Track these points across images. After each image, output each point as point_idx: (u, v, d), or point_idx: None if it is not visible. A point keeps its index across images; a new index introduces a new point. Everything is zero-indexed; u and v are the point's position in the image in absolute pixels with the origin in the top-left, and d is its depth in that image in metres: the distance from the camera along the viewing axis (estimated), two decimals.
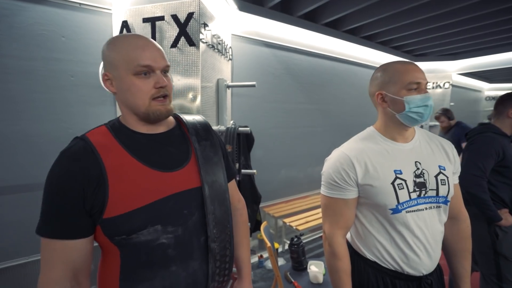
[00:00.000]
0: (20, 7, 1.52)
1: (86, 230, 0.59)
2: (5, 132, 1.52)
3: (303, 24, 2.72)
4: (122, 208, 0.58)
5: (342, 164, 0.88)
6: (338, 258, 0.89)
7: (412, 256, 0.84)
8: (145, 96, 0.63)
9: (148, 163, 0.63)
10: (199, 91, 1.68)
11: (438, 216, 0.87)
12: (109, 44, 0.66)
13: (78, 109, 1.72)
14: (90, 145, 0.60)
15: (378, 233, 0.88)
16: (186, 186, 0.66)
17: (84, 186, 0.57)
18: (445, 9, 2.52)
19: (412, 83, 0.83)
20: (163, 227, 0.61)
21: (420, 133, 0.95)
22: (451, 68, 4.43)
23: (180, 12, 1.64)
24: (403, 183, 0.84)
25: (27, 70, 1.56)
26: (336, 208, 0.90)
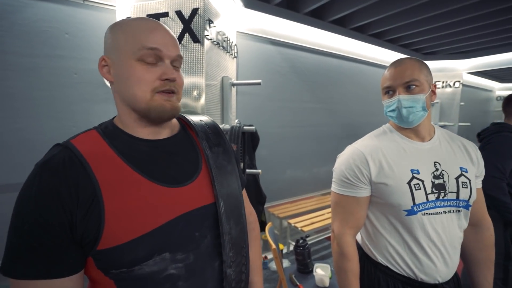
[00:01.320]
0: (24, 4, 1.50)
1: (75, 265, 0.47)
2: (6, 130, 1.51)
3: (309, 21, 2.67)
4: (122, 236, 0.46)
5: (355, 161, 0.84)
6: (347, 259, 0.85)
7: (427, 262, 0.79)
8: (147, 87, 0.52)
9: (152, 177, 0.51)
10: (203, 89, 1.65)
11: (458, 221, 0.82)
12: (114, 25, 0.55)
13: (81, 107, 1.71)
14: (77, 156, 0.48)
15: (391, 236, 0.83)
16: (197, 204, 0.56)
17: (72, 211, 0.45)
18: (455, 6, 2.45)
19: (384, 88, 0.86)
20: (172, 255, 0.50)
21: (441, 133, 0.91)
22: (462, 67, 4.33)
23: (185, 8, 1.61)
24: (420, 184, 0.79)
25: (30, 67, 1.55)
26: (347, 206, 0.87)
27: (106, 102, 1.77)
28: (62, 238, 0.44)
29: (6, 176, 1.52)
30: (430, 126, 0.89)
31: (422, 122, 0.84)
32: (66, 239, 0.45)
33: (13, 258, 0.44)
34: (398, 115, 0.84)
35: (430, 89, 0.83)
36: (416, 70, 0.81)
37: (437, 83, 4.38)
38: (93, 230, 0.45)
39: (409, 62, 0.82)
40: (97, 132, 0.54)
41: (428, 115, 0.85)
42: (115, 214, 0.46)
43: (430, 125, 0.89)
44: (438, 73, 4.37)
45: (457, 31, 3.15)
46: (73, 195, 0.45)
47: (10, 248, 0.44)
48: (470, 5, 2.49)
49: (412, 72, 0.81)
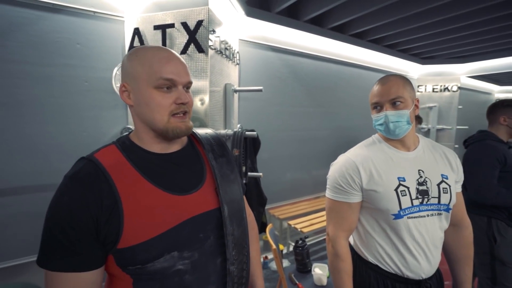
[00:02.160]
0: (38, 16, 1.59)
1: (99, 260, 0.55)
2: (19, 135, 1.59)
3: (309, 28, 2.75)
4: (138, 237, 0.54)
5: (347, 169, 0.92)
6: (341, 259, 0.93)
7: (411, 260, 0.87)
8: (164, 112, 0.59)
9: (163, 187, 0.59)
10: (207, 96, 1.73)
11: (439, 222, 0.91)
12: (130, 54, 0.62)
13: (91, 113, 1.79)
14: (101, 169, 0.56)
15: (380, 237, 0.91)
16: (201, 209, 0.63)
17: (98, 216, 0.53)
18: (453, 14, 2.51)
19: (372, 104, 0.96)
20: (180, 253, 0.59)
21: (425, 142, 0.99)
22: (460, 71, 4.39)
23: (190, 19, 1.69)
24: (406, 190, 0.88)
25: (43, 76, 1.63)
26: (340, 211, 0.95)
27: (114, 108, 1.85)
28: (88, 239, 0.53)
29: (19, 179, 1.61)
30: (415, 136, 0.98)
31: (407, 133, 0.93)
32: (92, 240, 0.53)
33: (48, 254, 0.52)
34: (385, 129, 0.92)
35: (414, 104, 0.93)
36: (400, 88, 0.89)
37: (435, 87, 4.45)
38: (114, 232, 0.53)
39: (394, 80, 0.91)
40: (116, 147, 0.62)
41: (412, 127, 0.94)
42: (132, 219, 0.54)
43: (414, 136, 0.98)
44: (436, 77, 4.44)
45: (455, 37, 3.22)
46: (98, 203, 0.53)
47: (46, 245, 0.53)
48: (467, 13, 2.56)
49: (397, 89, 0.89)
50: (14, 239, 1.58)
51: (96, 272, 0.55)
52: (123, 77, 0.62)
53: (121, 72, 0.63)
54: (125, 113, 1.89)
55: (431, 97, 4.48)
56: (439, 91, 4.43)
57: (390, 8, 2.53)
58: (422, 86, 4.49)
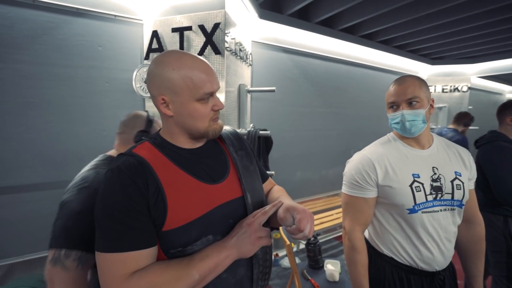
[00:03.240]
0: (64, 20, 1.67)
1: (154, 239, 0.59)
2: (45, 134, 1.68)
3: (320, 30, 2.79)
4: (180, 220, 0.59)
5: (364, 166, 0.97)
6: (358, 252, 0.97)
7: (426, 253, 0.91)
8: (206, 119, 0.66)
9: (197, 176, 0.65)
10: (223, 96, 1.79)
11: (452, 217, 0.95)
12: (165, 65, 0.63)
13: (111, 113, 1.87)
14: (143, 160, 0.61)
15: (395, 231, 0.95)
16: (230, 197, 0.69)
17: (148, 198, 0.58)
18: (463, 15, 2.52)
19: (389, 103, 0.98)
20: (214, 237, 0.64)
21: (439, 141, 1.03)
22: (470, 71, 4.36)
23: (207, 22, 1.75)
24: (420, 186, 0.92)
25: (68, 77, 1.72)
26: (357, 206, 0.99)
27: (133, 107, 1.93)
28: (144, 217, 0.57)
29: (45, 175, 1.69)
30: (429, 135, 1.01)
31: (422, 132, 0.96)
32: (146, 219, 0.57)
33: (108, 238, 0.55)
34: (402, 127, 0.96)
35: (429, 104, 0.96)
36: (417, 88, 0.93)
37: (445, 87, 4.43)
38: (161, 215, 0.58)
39: (410, 80, 0.94)
40: (150, 143, 0.67)
41: (427, 126, 0.97)
42: (174, 204, 0.59)
43: (429, 134, 1.01)
44: (446, 77, 4.42)
45: (465, 37, 3.21)
46: (146, 187, 0.58)
47: (105, 231, 0.56)
48: (477, 14, 2.56)
49: (414, 89, 0.93)
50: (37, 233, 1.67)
51: (153, 249, 0.59)
52: (159, 90, 0.63)
53: (153, 83, 0.64)
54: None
55: (440, 97, 4.45)
56: (449, 92, 4.41)
57: (400, 9, 2.55)
58: (431, 86, 4.47)
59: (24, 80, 1.59)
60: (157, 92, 0.64)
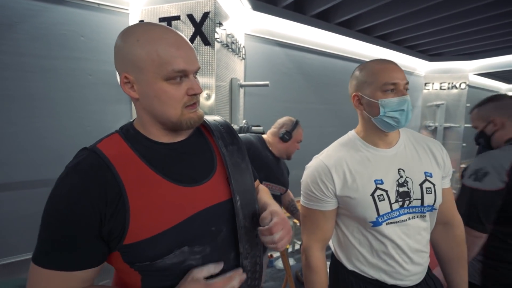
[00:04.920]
0: (43, 8, 1.57)
1: (99, 259, 0.51)
2: (26, 129, 1.57)
3: (316, 23, 2.71)
4: (146, 232, 0.50)
5: (320, 175, 0.84)
6: (314, 272, 0.85)
7: (397, 268, 0.80)
8: (178, 105, 0.54)
9: (171, 178, 0.55)
10: (213, 90, 1.70)
11: (424, 223, 0.83)
12: (129, 37, 0.53)
13: (96, 107, 1.77)
14: (104, 159, 0.51)
15: (360, 244, 0.84)
16: (213, 201, 0.59)
17: (101, 209, 0.48)
18: (461, 8, 2.46)
19: (387, 84, 0.77)
20: (190, 248, 0.54)
21: (406, 136, 0.88)
22: (468, 68, 4.32)
23: (196, 11, 1.66)
24: (383, 194, 0.79)
25: (48, 69, 1.61)
26: (314, 220, 0.87)
27: (119, 102, 1.83)
28: (89, 235, 0.48)
29: (25, 173, 1.59)
30: (397, 131, 0.88)
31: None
32: (93, 235, 0.49)
33: (43, 250, 0.48)
34: (401, 117, 0.79)
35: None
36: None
37: (443, 84, 4.38)
38: (120, 227, 0.49)
39: (394, 63, 0.81)
40: (120, 136, 0.57)
41: None
42: (138, 212, 0.50)
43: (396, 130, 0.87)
44: (443, 74, 4.37)
45: (463, 33, 3.16)
46: (102, 195, 0.49)
47: (42, 240, 0.49)
48: (476, 8, 2.50)
49: (403, 73, 0.80)
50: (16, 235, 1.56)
51: (93, 270, 0.51)
52: (122, 66, 0.54)
53: (118, 58, 0.55)
54: (129, 107, 1.87)
55: (438, 94, 4.40)
56: (447, 89, 4.36)
57: (397, 2, 2.48)
58: (429, 83, 4.42)
59: None
60: (120, 69, 0.55)
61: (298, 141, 1.59)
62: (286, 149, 1.56)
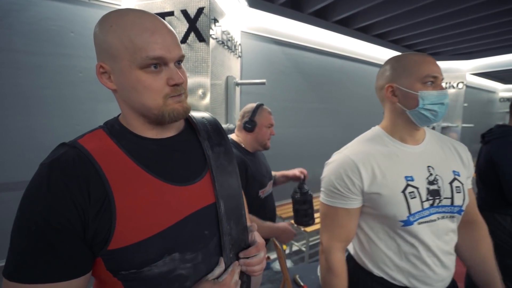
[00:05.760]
0: (30, 2, 1.51)
1: (84, 266, 0.46)
2: (13, 127, 1.51)
3: (313, 21, 2.67)
4: (134, 236, 0.45)
5: (346, 170, 0.79)
6: (335, 275, 0.80)
7: (426, 271, 0.76)
8: (157, 95, 0.49)
9: (161, 176, 0.51)
10: (208, 88, 1.65)
11: (452, 225, 0.80)
12: (102, 24, 0.48)
13: (87, 106, 1.71)
14: (86, 154, 0.46)
15: (387, 246, 0.79)
16: (206, 201, 0.55)
17: (84, 210, 0.43)
18: (459, 7, 2.45)
19: (428, 76, 0.75)
20: (181, 255, 0.50)
21: (431, 135, 0.86)
22: (465, 68, 4.32)
23: (190, 7, 1.61)
24: (415, 191, 0.75)
25: (36, 65, 1.55)
26: (337, 218, 0.82)
27: (110, 101, 1.76)
28: (73, 238, 0.43)
29: (13, 174, 1.53)
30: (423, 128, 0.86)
31: None
32: (77, 240, 0.43)
33: (19, 261, 0.42)
34: (440, 110, 0.76)
35: None
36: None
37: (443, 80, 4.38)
38: (105, 230, 0.44)
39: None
40: (104, 131, 0.52)
41: None
42: (126, 214, 0.45)
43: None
44: None
45: (461, 32, 3.14)
46: (84, 193, 0.44)
47: (16, 250, 0.42)
48: (473, 6, 2.49)
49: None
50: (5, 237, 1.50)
51: (80, 280, 0.45)
52: (99, 55, 0.50)
53: (95, 47, 0.51)
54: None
55: None
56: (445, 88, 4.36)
57: (395, 1, 2.46)
58: None
59: None
60: (98, 59, 0.50)
61: (267, 125, 1.35)
62: (255, 139, 1.36)
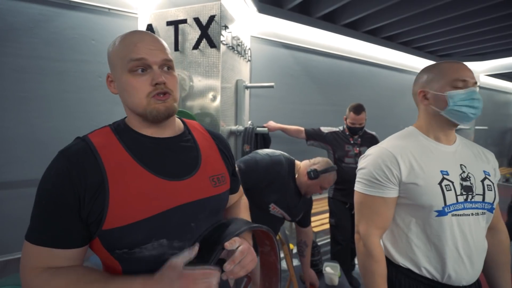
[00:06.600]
0: (55, 13, 1.63)
1: (78, 240, 0.54)
2: (39, 128, 1.64)
3: (322, 25, 2.71)
4: (123, 219, 0.53)
5: (384, 161, 0.84)
6: (375, 260, 0.83)
7: (453, 264, 0.78)
8: (141, 95, 0.57)
9: (153, 170, 0.57)
10: (219, 91, 1.73)
11: (483, 223, 0.83)
12: (111, 43, 0.62)
13: (105, 108, 1.82)
14: (91, 147, 0.55)
15: (417, 238, 0.82)
16: (194, 197, 0.61)
17: (81, 192, 0.52)
18: (472, 8, 2.42)
19: (457, 80, 0.80)
20: (169, 242, 0.57)
21: (461, 139, 0.92)
22: (478, 69, 4.23)
23: (202, 15, 1.69)
24: (450, 185, 0.79)
25: (60, 71, 1.67)
26: (374, 207, 0.86)
27: None
28: (70, 214, 0.52)
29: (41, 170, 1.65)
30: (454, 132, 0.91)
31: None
32: (73, 216, 0.52)
33: (32, 226, 0.53)
34: (473, 105, 0.80)
35: None
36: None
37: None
38: (98, 211, 0.52)
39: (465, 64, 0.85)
40: (110, 129, 0.61)
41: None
42: (118, 199, 0.53)
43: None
44: None
45: (473, 33, 3.10)
46: (82, 179, 0.52)
47: (33, 218, 0.53)
48: (487, 7, 2.46)
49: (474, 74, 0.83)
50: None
51: (74, 252, 0.54)
52: (109, 67, 0.63)
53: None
54: None
55: None
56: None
57: (405, 3, 2.46)
58: None
59: (14, 73, 1.55)
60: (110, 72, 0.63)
61: (323, 186, 1.46)
62: (308, 186, 1.47)
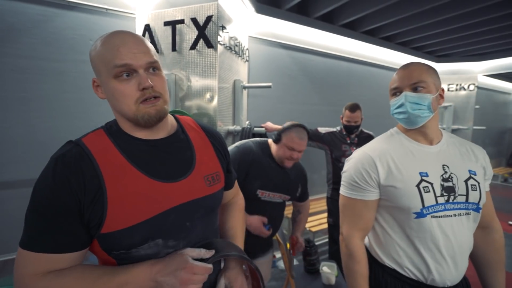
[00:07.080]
0: (54, 13, 1.64)
1: (81, 243, 0.54)
2: (39, 128, 1.65)
3: (320, 25, 2.72)
4: (121, 223, 0.53)
5: (363, 164, 0.86)
6: (356, 261, 0.86)
7: (436, 266, 0.79)
8: (129, 101, 0.56)
9: (149, 173, 0.58)
10: (216, 91, 1.74)
11: (467, 223, 0.82)
12: (92, 46, 0.58)
13: (104, 108, 1.80)
14: (86, 152, 0.55)
15: (400, 238, 0.83)
16: (189, 197, 0.62)
17: (80, 197, 0.52)
18: (470, 8, 2.43)
19: (392, 89, 0.88)
20: (164, 241, 0.58)
21: (449, 137, 0.91)
22: (477, 69, 4.24)
23: (199, 15, 1.70)
24: (429, 186, 0.80)
25: (59, 71, 1.68)
26: (355, 209, 0.88)
27: None
28: (71, 220, 0.52)
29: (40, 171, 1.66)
30: (438, 130, 0.90)
31: (430, 124, 0.85)
32: (74, 221, 0.52)
33: (30, 235, 0.52)
34: (404, 114, 0.84)
35: (438, 93, 0.84)
36: (424, 73, 0.82)
37: (451, 86, 4.31)
38: (98, 216, 0.53)
39: (417, 65, 0.85)
40: (104, 131, 0.60)
41: (435, 118, 0.87)
42: (115, 204, 0.53)
43: (437, 129, 0.90)
44: (451, 75, 4.31)
45: (472, 33, 3.11)
46: (81, 185, 0.52)
47: (29, 226, 0.52)
48: (485, 7, 2.47)
49: (420, 74, 0.82)
50: None
51: (75, 255, 0.54)
52: (94, 71, 0.60)
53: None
54: None
55: (446, 96, 4.34)
56: (455, 90, 4.30)
57: (403, 3, 2.47)
58: None
59: (14, 73, 1.56)
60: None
61: (289, 145, 1.32)
62: (277, 153, 1.37)
